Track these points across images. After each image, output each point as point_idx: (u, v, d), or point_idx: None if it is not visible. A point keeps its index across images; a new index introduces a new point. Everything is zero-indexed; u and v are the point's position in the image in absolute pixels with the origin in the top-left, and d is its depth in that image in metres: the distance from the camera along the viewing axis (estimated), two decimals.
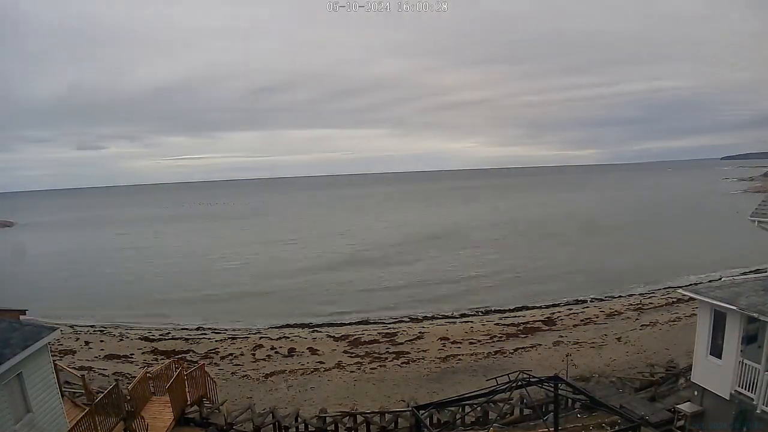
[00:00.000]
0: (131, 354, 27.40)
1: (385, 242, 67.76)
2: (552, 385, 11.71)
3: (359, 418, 17.07)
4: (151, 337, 31.05)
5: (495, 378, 11.13)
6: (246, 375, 23.70)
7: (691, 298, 14.81)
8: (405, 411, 16.81)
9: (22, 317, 15.72)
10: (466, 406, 16.06)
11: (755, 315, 11.88)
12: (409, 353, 26.05)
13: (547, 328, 29.66)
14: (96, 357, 26.94)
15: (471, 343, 27.36)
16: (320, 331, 31.47)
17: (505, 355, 25.05)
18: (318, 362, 25.28)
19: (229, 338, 30.27)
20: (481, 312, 35.12)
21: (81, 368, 22.14)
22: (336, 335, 30.04)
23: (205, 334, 31.94)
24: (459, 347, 26.71)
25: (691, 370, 15.16)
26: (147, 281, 50.21)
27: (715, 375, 13.56)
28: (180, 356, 25.24)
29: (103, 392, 14.19)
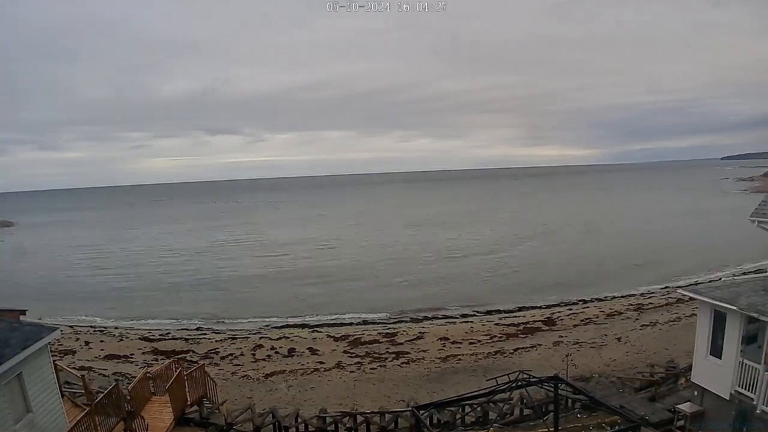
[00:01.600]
0: (131, 354, 27.39)
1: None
2: (552, 385, 11.70)
3: (359, 418, 17.05)
4: (151, 337, 31.05)
5: (495, 378, 11.12)
6: (246, 375, 23.70)
7: (691, 298, 14.80)
8: (405, 411, 16.79)
9: (22, 317, 15.70)
10: (466, 406, 16.07)
11: (755, 315, 11.88)
12: (409, 353, 26.05)
13: (547, 328, 29.66)
14: (96, 357, 26.92)
15: (471, 343, 27.36)
16: (320, 331, 31.46)
17: (505, 355, 25.05)
18: (318, 362, 25.28)
19: (229, 338, 30.26)
20: (481, 312, 35.13)
21: (81, 368, 22.13)
22: (336, 335, 30.03)
23: (205, 334, 31.93)
24: (459, 347, 26.71)
25: (691, 370, 15.14)
26: (148, 281, 50.21)
27: (715, 375, 13.55)
28: (180, 356, 25.21)
29: (103, 392, 14.17)
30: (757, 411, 12.19)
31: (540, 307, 35.34)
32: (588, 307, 34.40)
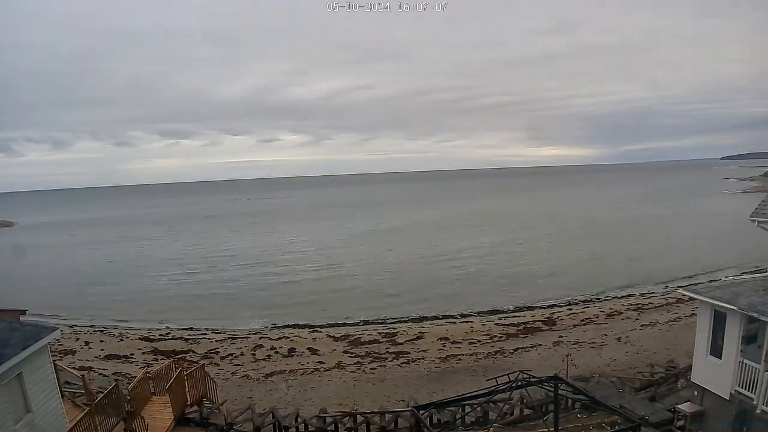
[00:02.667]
0: (131, 354, 27.38)
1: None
2: (552, 385, 11.70)
3: (359, 418, 17.06)
4: (151, 337, 31.04)
5: (495, 378, 11.12)
6: (246, 375, 23.69)
7: (691, 298, 14.81)
8: (405, 411, 16.79)
9: (22, 317, 15.71)
10: (466, 406, 16.06)
11: (755, 315, 11.88)
12: (409, 353, 26.04)
13: (547, 328, 29.66)
14: (96, 357, 26.92)
15: (471, 343, 27.36)
16: (320, 331, 31.46)
17: (505, 355, 25.04)
18: (318, 362, 25.28)
19: (229, 338, 30.25)
20: (481, 312, 35.13)
21: (81, 368, 22.13)
22: (336, 335, 30.03)
23: (205, 334, 31.92)
24: (459, 347, 26.70)
25: (691, 370, 15.15)
26: (148, 281, 50.21)
27: (715, 375, 13.55)
28: (180, 356, 25.18)
29: (103, 392, 14.18)
30: (757, 411, 12.19)
31: (540, 307, 35.34)
32: (588, 307, 34.40)
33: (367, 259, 56.48)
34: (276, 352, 27.16)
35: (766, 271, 19.34)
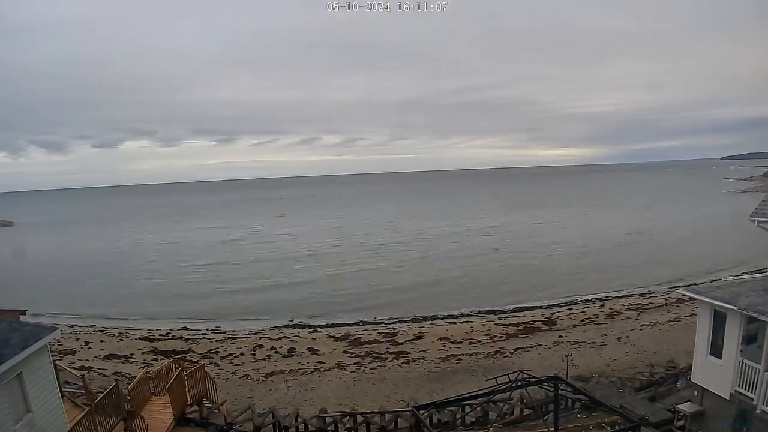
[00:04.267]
0: (131, 354, 27.38)
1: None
2: (552, 385, 11.71)
3: (359, 418, 17.07)
4: (151, 337, 31.03)
5: (495, 378, 11.13)
6: (246, 375, 23.69)
7: (691, 298, 14.80)
8: (405, 411, 16.80)
9: (22, 317, 15.71)
10: (466, 406, 16.07)
11: (755, 315, 11.88)
12: (409, 353, 26.04)
13: (547, 328, 29.66)
14: (96, 357, 26.91)
15: (471, 343, 27.36)
16: (320, 331, 31.46)
17: (505, 355, 25.05)
18: (318, 362, 25.28)
19: (229, 338, 30.25)
20: (481, 312, 35.13)
21: (81, 368, 22.13)
22: (336, 335, 30.02)
23: (205, 334, 31.92)
24: (459, 347, 26.71)
25: (691, 370, 15.15)
26: (148, 280, 50.19)
27: (715, 375, 13.56)
28: (180, 356, 25.21)
29: (103, 392, 14.18)
30: (757, 411, 12.19)
31: (540, 307, 35.32)
32: (588, 307, 34.38)
33: (370, 258, 56.52)
34: (276, 352, 27.16)
35: (766, 271, 19.34)
